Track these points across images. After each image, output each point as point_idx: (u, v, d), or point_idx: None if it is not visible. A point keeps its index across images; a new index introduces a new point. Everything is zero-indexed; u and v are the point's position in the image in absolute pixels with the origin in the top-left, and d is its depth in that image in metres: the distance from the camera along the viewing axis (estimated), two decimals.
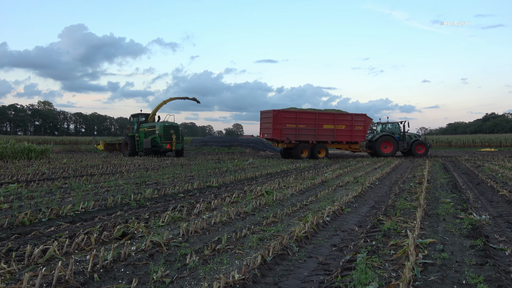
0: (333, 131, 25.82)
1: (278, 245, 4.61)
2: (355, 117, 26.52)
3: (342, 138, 26.17)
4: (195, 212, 6.90)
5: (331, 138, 25.93)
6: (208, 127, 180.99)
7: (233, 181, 11.93)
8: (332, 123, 25.86)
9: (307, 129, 25.27)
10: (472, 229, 5.62)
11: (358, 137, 26.56)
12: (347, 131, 26.17)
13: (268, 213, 6.95)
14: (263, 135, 26.41)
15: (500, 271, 3.86)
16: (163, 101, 28.22)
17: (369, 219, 6.57)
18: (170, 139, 25.35)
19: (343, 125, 26.12)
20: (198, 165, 17.83)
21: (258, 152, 36.66)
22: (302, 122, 25.15)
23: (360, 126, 26.48)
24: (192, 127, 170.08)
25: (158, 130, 25.25)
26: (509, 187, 10.48)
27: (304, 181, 11.80)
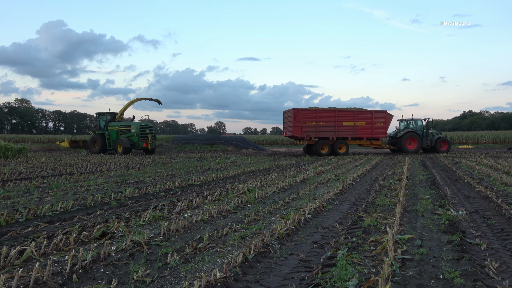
0: (353, 128, 26.73)
1: (259, 242, 4.62)
2: (375, 113, 27.37)
3: (362, 134, 26.98)
4: (176, 210, 6.85)
5: (351, 135, 26.81)
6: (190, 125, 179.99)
7: (215, 179, 11.90)
8: (352, 120, 26.77)
9: (327, 126, 26.35)
10: (449, 225, 5.74)
11: (379, 133, 27.38)
12: (368, 128, 27.04)
13: (250, 211, 6.96)
14: (286, 133, 27.64)
15: (475, 265, 3.96)
16: (129, 101, 29.25)
17: (350, 216, 6.65)
18: (146, 138, 26.81)
19: (363, 121, 26.99)
20: (180, 163, 17.73)
21: (240, 150, 36.66)
22: (321, 120, 26.26)
23: (381, 123, 27.32)
24: (174, 125, 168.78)
25: (134, 130, 26.58)
26: (485, 183, 10.75)
27: (286, 178, 11.86)
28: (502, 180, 10.91)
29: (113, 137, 27.38)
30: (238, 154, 28.83)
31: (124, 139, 26.25)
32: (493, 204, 7.44)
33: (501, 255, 4.47)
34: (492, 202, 7.58)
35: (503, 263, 4.18)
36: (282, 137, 73.77)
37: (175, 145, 39.10)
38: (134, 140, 26.55)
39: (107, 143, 27.49)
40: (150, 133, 27.02)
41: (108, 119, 27.94)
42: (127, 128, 27.04)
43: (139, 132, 26.52)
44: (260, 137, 75.92)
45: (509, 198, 8.12)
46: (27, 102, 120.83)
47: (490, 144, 51.71)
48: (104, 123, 27.97)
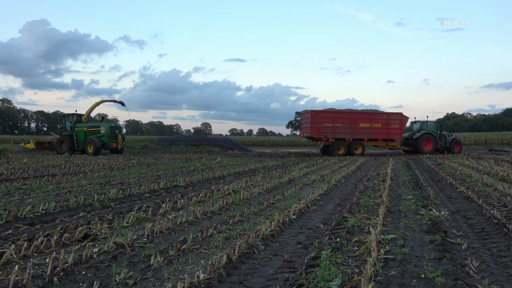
0: (369, 129, 27.50)
1: (244, 243, 4.61)
2: (391, 115, 28.12)
3: (378, 135, 27.75)
4: (161, 212, 6.80)
5: (367, 136, 27.54)
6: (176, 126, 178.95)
7: (201, 180, 11.85)
8: (368, 121, 27.56)
9: (344, 127, 27.12)
10: (431, 225, 5.82)
11: (395, 134, 28.09)
12: (383, 129, 27.83)
13: (235, 212, 6.95)
14: (303, 134, 28.47)
15: (456, 264, 4.02)
16: (95, 103, 29.72)
17: (334, 216, 6.69)
18: (116, 138, 27.91)
19: (379, 123, 27.78)
20: (165, 165, 17.61)
21: (226, 151, 36.58)
22: (338, 121, 27.03)
23: (397, 124, 28.04)
24: (160, 126, 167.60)
25: (105, 130, 27.50)
26: (467, 184, 10.94)
27: (272, 179, 11.87)
28: (483, 180, 11.12)
29: (81, 138, 27.97)
30: (224, 155, 28.77)
31: (95, 139, 27.04)
32: (474, 204, 7.57)
33: (481, 254, 4.55)
34: (473, 203, 7.71)
35: (483, 262, 4.26)
36: (268, 138, 73.97)
37: (161, 146, 38.82)
38: (105, 141, 27.39)
39: (75, 144, 28.04)
40: (120, 134, 28.20)
41: (75, 120, 28.49)
42: (97, 129, 27.80)
43: (109, 133, 27.42)
44: (246, 138, 75.86)
45: (490, 199, 8.28)
46: (9, 102, 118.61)
47: (472, 145, 52.65)
48: (71, 124, 28.48)
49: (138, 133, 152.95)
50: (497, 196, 8.48)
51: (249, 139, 74.06)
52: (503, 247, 4.76)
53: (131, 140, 41.36)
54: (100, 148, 27.14)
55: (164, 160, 21.06)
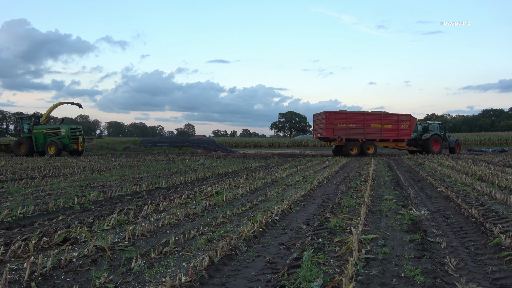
0: (380, 130, 28.59)
1: (226, 245, 4.60)
2: (400, 117, 29.18)
3: (389, 136, 28.81)
4: (142, 214, 6.73)
5: (378, 136, 28.57)
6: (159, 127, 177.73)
7: (183, 182, 11.78)
8: (379, 122, 28.64)
9: (357, 128, 28.08)
10: (411, 224, 5.91)
11: (404, 135, 29.24)
12: (394, 130, 28.89)
13: (217, 213, 6.92)
14: (317, 135, 29.22)
15: (435, 263, 4.09)
16: (53, 105, 30.02)
17: (317, 217, 6.72)
18: (77, 140, 28.36)
19: (390, 124, 28.87)
20: (148, 166, 17.45)
21: (210, 152, 36.46)
22: (352, 122, 27.96)
23: (406, 125, 29.14)
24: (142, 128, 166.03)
25: (65, 132, 27.84)
26: (446, 183, 11.14)
27: (255, 181, 11.87)
28: (462, 180, 11.34)
29: (41, 139, 28.04)
30: (208, 157, 28.66)
31: (57, 141, 27.45)
32: (453, 203, 7.71)
33: (460, 252, 4.64)
34: (452, 202, 7.86)
35: (461, 260, 4.34)
36: (252, 140, 74.02)
37: (143, 148, 38.48)
38: (65, 142, 27.88)
39: (34, 146, 28.11)
40: (81, 135, 28.71)
41: (33, 122, 28.55)
42: (57, 131, 28.08)
43: (70, 134, 27.93)
44: (230, 140, 75.79)
45: (468, 198, 8.45)
46: None
47: None
48: (28, 126, 28.49)
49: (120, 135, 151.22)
50: (475, 196, 8.66)
51: (233, 140, 74.02)
52: (481, 245, 4.87)
53: (112, 142, 40.85)
54: (61, 149, 27.53)
55: (147, 162, 20.86)
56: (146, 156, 28.63)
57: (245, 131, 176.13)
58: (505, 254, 4.36)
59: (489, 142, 55.65)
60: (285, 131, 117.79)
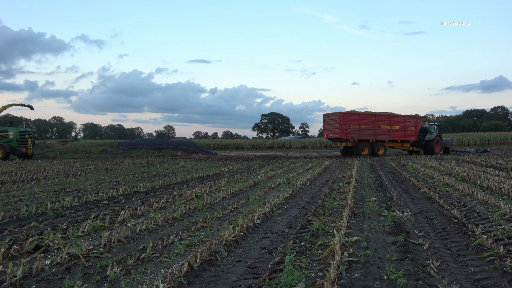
0: (389, 131, 29.83)
1: (206, 250, 4.58)
2: (408, 118, 30.57)
3: (397, 137, 30.12)
4: (119, 220, 6.64)
5: (388, 137, 29.81)
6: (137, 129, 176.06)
7: (162, 185, 11.68)
8: (389, 123, 29.86)
9: (368, 129, 29.10)
10: (394, 226, 5.99)
11: (411, 136, 30.63)
12: (401, 131, 30.22)
13: (197, 218, 6.89)
14: (328, 135, 29.83)
15: (418, 265, 4.16)
16: (2, 107, 29.93)
17: (299, 220, 6.75)
18: (26, 143, 28.31)
19: (398, 125, 30.16)
20: (125, 170, 17.24)
21: (190, 155, 36.26)
22: (363, 123, 28.96)
23: (412, 127, 30.41)
24: (120, 129, 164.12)
25: (13, 135, 27.78)
26: (429, 184, 11.34)
27: (236, 183, 11.86)
28: (444, 181, 11.56)
29: None
30: (188, 159, 28.49)
31: (5, 144, 27.42)
32: (436, 204, 7.85)
33: (442, 254, 4.72)
34: (435, 203, 8.00)
35: (443, 261, 4.42)
36: (234, 142, 73.92)
37: (121, 151, 37.97)
38: (14, 145, 27.79)
39: None
40: (30, 138, 28.69)
41: None
42: (5, 134, 27.98)
43: (18, 137, 27.81)
44: (211, 142, 75.59)
45: (451, 199, 8.62)
46: None
47: None
48: None
49: (97, 137, 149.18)
50: (458, 196, 8.84)
51: (214, 142, 73.82)
52: (463, 247, 4.97)
53: (88, 145, 40.22)
54: (9, 153, 27.49)
55: (124, 165, 20.61)
56: (123, 159, 28.27)
57: (227, 132, 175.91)
58: (487, 254, 4.46)
59: (472, 143, 56.87)
60: (268, 132, 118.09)
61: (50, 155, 33.72)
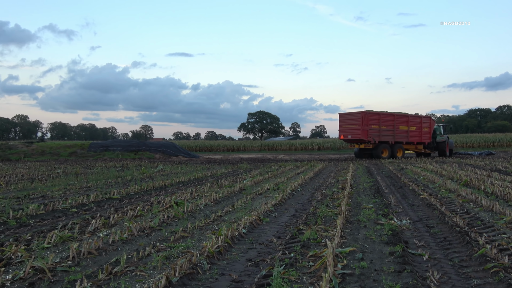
0: (407, 132, 30.70)
1: (186, 263, 4.56)
2: (423, 119, 31.60)
3: (414, 139, 31.11)
4: (90, 229, 6.59)
5: (405, 139, 30.66)
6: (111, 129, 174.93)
7: (139, 191, 11.62)
8: (406, 124, 30.64)
9: (388, 130, 29.77)
10: (392, 235, 6.05)
11: (425, 138, 31.68)
12: (417, 132, 31.22)
13: (177, 227, 6.87)
14: (347, 136, 29.96)
15: (417, 277, 4.20)
16: None
17: (289, 229, 6.77)
18: None
19: (414, 126, 31.08)
20: (97, 174, 17.10)
21: (169, 157, 36.12)
22: (383, 124, 29.60)
23: (427, 128, 31.36)
24: (92, 129, 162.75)
25: None
26: (430, 190, 11.48)
27: (220, 189, 11.85)
28: (446, 186, 11.72)
29: None
30: (167, 162, 28.38)
31: None
32: (436, 212, 7.95)
33: (443, 265, 4.78)
34: (436, 210, 8.10)
35: (444, 273, 4.48)
36: (218, 143, 73.86)
37: (92, 153, 37.65)
38: None
39: None
40: None
41: None
42: None
43: None
44: (193, 143, 75.38)
45: (453, 205, 8.74)
46: None
47: None
48: None
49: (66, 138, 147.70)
50: (460, 203, 8.97)
51: (196, 143, 73.63)
52: (465, 257, 5.04)
53: (56, 146, 39.77)
54: None
55: (96, 169, 20.44)
56: (95, 162, 28.02)
57: (210, 133, 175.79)
58: (491, 265, 4.52)
59: (476, 145, 57.73)
60: (255, 133, 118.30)
61: (13, 158, 33.26)
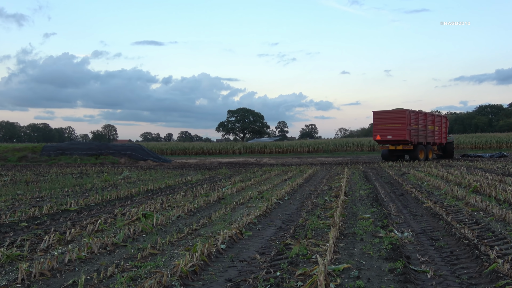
0: (433, 132, 32.99)
1: (155, 284, 4.54)
2: (442, 118, 34.27)
3: (438, 139, 33.50)
4: (42, 247, 6.53)
5: (432, 139, 32.82)
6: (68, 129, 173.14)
7: (100, 202, 11.54)
8: (433, 124, 32.88)
9: (422, 130, 31.65)
10: (392, 250, 6.11)
11: (444, 138, 34.15)
12: (439, 132, 33.58)
13: (145, 243, 6.84)
14: (385, 137, 31.28)
15: None
16: None
17: (275, 243, 6.80)
18: None
19: (437, 126, 33.45)
20: (51, 182, 16.94)
21: (137, 162, 35.98)
22: (420, 123, 31.46)
23: (444, 127, 33.29)
24: (45, 130, 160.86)
25: None
26: (435, 197, 11.64)
27: (196, 198, 11.84)
28: (453, 193, 11.89)
29: None
30: (134, 168, 28.23)
31: None
32: (442, 222, 8.06)
33: (449, 283, 4.85)
34: (441, 220, 8.21)
35: None
36: (193, 145, 73.86)
37: (46, 157, 37.27)
38: None
39: None
40: None
41: None
42: None
43: None
44: (164, 145, 75.17)
45: (460, 215, 8.88)
46: None
47: None
48: None
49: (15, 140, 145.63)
50: (469, 212, 9.11)
51: (168, 146, 73.44)
52: (475, 273, 5.11)
53: (3, 150, 39.24)
54: None
55: (50, 176, 20.24)
56: (49, 168, 27.72)
57: (184, 134, 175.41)
58: (503, 283, 4.60)
59: (486, 145, 58.65)
60: (236, 133, 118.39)
61: None
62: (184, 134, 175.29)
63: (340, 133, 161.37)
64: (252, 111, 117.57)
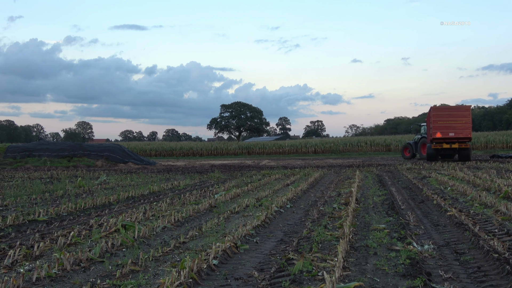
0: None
1: None
2: None
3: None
4: (6, 263, 6.55)
5: None
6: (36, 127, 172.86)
7: (73, 211, 11.54)
8: None
9: None
10: (410, 265, 6.12)
11: None
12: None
13: (125, 258, 6.84)
14: (447, 134, 32.83)
15: None
16: None
17: (275, 258, 6.80)
18: None
19: None
20: (17, 188, 16.93)
21: (116, 165, 35.97)
22: None
23: None
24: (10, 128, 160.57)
25: None
26: (460, 204, 11.65)
27: (184, 206, 11.85)
28: (481, 199, 11.89)
29: None
30: (112, 172, 28.22)
31: None
32: (468, 233, 8.07)
33: None
34: (467, 231, 8.22)
35: None
36: (181, 145, 73.87)
37: (10, 160, 37.22)
38: None
39: None
40: None
41: None
42: None
43: None
44: (148, 145, 75.17)
45: (489, 225, 8.88)
46: None
47: None
48: None
49: None
50: (499, 221, 9.11)
51: (152, 146, 73.46)
52: None
53: None
54: None
55: (16, 181, 20.23)
56: (14, 172, 27.71)
57: (170, 132, 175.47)
58: None
59: None
60: (231, 131, 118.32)
61: None
62: (170, 132, 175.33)
63: (351, 131, 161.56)
64: (249, 105, 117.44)
